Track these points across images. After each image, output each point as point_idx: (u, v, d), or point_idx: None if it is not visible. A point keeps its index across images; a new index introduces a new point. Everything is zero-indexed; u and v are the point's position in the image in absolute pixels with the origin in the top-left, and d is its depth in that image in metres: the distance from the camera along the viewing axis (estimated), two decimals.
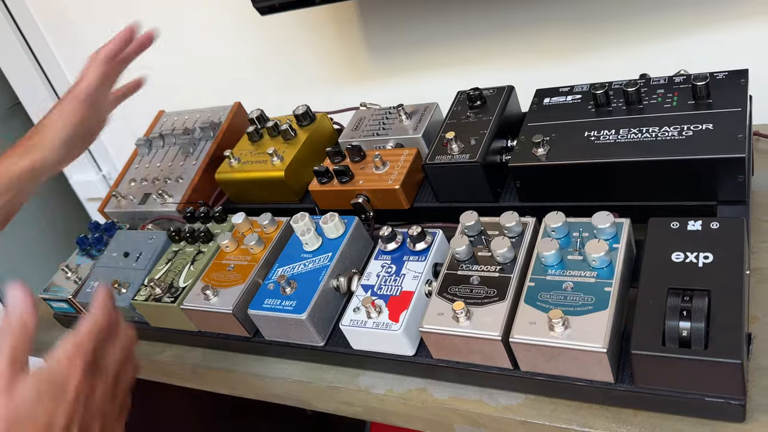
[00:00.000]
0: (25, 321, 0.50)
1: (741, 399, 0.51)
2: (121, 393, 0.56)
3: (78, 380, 0.50)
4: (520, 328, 0.56)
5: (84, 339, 0.52)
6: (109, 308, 0.56)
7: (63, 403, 0.49)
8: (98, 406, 0.52)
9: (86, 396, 0.50)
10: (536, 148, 0.69)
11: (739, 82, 0.66)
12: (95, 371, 0.52)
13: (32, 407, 0.48)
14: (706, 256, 0.55)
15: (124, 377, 0.57)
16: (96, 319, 0.54)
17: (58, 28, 1.47)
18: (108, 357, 0.54)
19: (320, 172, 0.82)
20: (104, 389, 0.53)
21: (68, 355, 0.51)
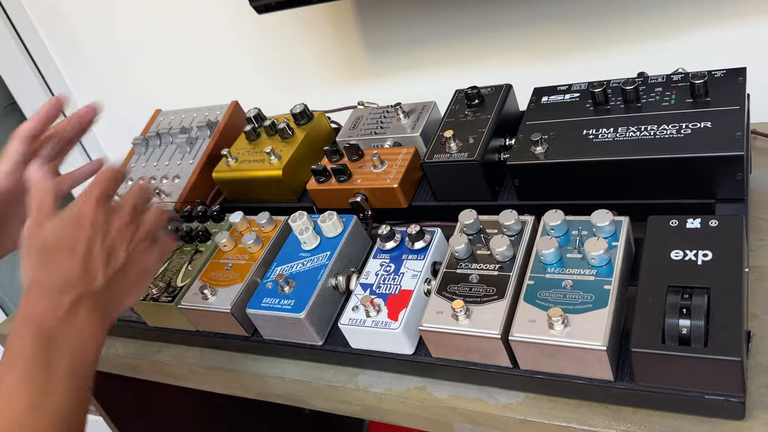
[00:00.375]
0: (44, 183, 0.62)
1: (741, 396, 0.51)
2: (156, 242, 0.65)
3: (91, 210, 0.60)
4: (519, 326, 0.56)
5: (91, 186, 0.62)
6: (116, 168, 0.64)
7: (82, 230, 0.59)
8: (118, 231, 0.61)
9: (103, 222, 0.60)
10: (535, 147, 0.69)
11: (737, 81, 0.66)
12: (109, 207, 0.62)
13: (57, 234, 0.59)
14: (705, 253, 0.55)
15: (162, 240, 0.66)
16: (100, 173, 0.63)
17: (54, 27, 1.46)
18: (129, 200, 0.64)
19: (318, 171, 0.82)
20: (121, 220, 0.62)
21: (80, 195, 0.62)
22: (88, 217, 0.60)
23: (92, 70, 1.49)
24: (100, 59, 1.45)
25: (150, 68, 1.40)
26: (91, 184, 0.63)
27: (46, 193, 0.62)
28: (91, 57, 1.46)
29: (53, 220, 0.60)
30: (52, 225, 0.59)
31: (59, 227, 0.59)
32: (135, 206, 0.64)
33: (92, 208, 0.60)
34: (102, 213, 0.60)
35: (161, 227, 0.67)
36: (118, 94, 1.50)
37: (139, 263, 0.63)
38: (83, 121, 0.80)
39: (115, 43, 1.40)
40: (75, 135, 0.80)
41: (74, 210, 0.60)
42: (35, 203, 0.61)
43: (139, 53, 1.39)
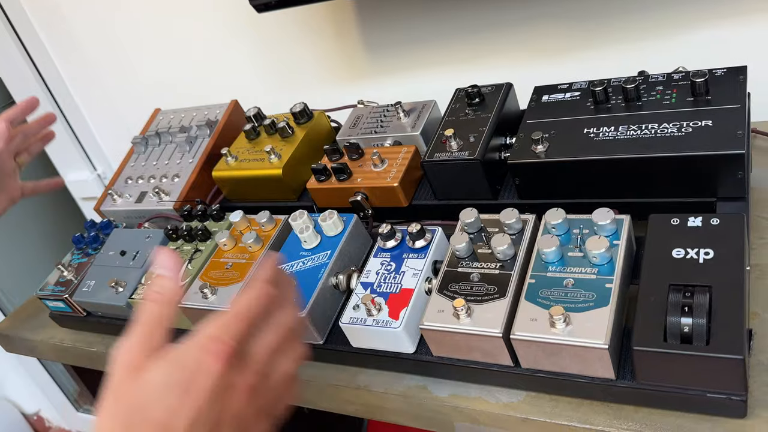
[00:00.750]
0: (165, 290, 0.45)
1: (742, 395, 0.51)
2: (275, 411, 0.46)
3: (215, 374, 0.41)
4: (521, 324, 0.56)
5: (231, 320, 0.43)
6: (273, 292, 0.47)
7: (189, 399, 0.40)
8: (234, 410, 0.42)
9: (221, 395, 0.41)
10: (535, 145, 0.69)
11: (738, 79, 0.66)
12: (239, 365, 0.43)
13: (155, 399, 0.40)
14: (706, 252, 0.55)
15: (284, 398, 0.47)
16: (253, 298, 0.46)
17: (53, 27, 1.46)
18: (265, 357, 0.45)
19: (318, 169, 0.82)
20: (249, 392, 0.43)
21: (209, 338, 0.42)
22: (208, 381, 0.41)
23: (91, 69, 1.48)
24: (99, 58, 1.45)
25: (149, 67, 1.40)
26: (233, 315, 0.44)
27: (165, 308, 0.45)
28: (89, 56, 1.46)
29: (160, 365, 0.41)
30: (156, 372, 0.41)
31: (164, 381, 0.41)
32: (271, 364, 0.46)
33: (218, 370, 0.41)
34: (227, 378, 0.42)
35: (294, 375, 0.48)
36: (117, 94, 1.49)
37: None
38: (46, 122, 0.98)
39: (114, 42, 1.40)
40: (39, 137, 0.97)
41: (193, 363, 0.41)
42: (146, 316, 0.44)
43: (139, 52, 1.39)
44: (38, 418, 2.32)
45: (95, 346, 0.92)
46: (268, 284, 0.47)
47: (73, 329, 0.96)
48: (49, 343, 0.97)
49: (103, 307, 0.87)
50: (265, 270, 0.48)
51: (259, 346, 0.45)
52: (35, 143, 0.97)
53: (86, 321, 0.91)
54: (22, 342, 1.02)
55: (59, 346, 0.96)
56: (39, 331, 0.99)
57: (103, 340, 0.92)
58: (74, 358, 0.97)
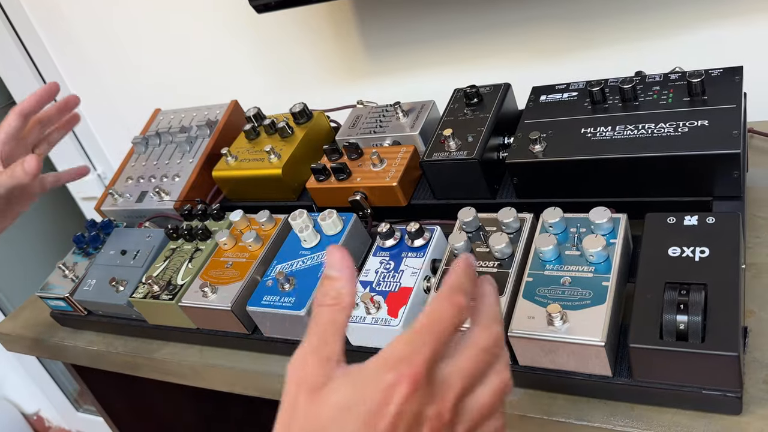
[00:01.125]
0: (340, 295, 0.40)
1: (738, 391, 0.51)
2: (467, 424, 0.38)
3: (402, 399, 0.35)
4: (518, 322, 0.57)
5: (421, 339, 0.37)
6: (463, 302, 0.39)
7: (378, 428, 0.35)
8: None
9: (408, 425, 0.35)
10: (533, 145, 0.69)
11: (734, 79, 0.67)
12: (430, 391, 0.36)
13: (336, 418, 0.36)
14: (702, 250, 0.55)
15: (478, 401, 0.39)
16: (441, 311, 0.38)
17: (53, 26, 1.47)
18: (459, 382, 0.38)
19: (318, 169, 0.83)
20: (440, 424, 0.36)
21: (396, 359, 0.36)
22: (393, 407, 0.35)
23: (91, 69, 1.49)
24: (99, 58, 1.45)
25: (149, 68, 1.40)
26: (422, 332, 0.37)
27: (337, 321, 0.39)
28: (89, 56, 1.46)
29: (339, 385, 0.36)
30: (336, 394, 0.36)
31: (347, 410, 0.35)
32: (466, 389, 0.38)
33: (405, 395, 0.35)
34: (416, 404, 0.35)
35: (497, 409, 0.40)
36: (117, 94, 1.50)
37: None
38: (68, 107, 0.88)
39: (114, 42, 1.40)
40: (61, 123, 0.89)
41: (378, 385, 0.35)
42: (321, 326, 0.39)
43: (139, 52, 1.39)
44: (38, 418, 2.32)
45: (96, 345, 0.92)
46: (459, 293, 0.39)
47: (73, 328, 0.96)
48: (50, 342, 0.97)
49: (103, 306, 0.87)
50: (456, 276, 0.39)
51: (455, 369, 0.38)
52: (55, 132, 0.90)
53: (87, 320, 0.92)
54: (23, 341, 1.02)
55: (60, 345, 0.96)
56: (40, 331, 1.00)
57: (104, 339, 0.92)
58: (75, 358, 0.98)
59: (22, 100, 0.82)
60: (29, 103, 0.82)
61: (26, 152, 0.85)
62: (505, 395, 0.40)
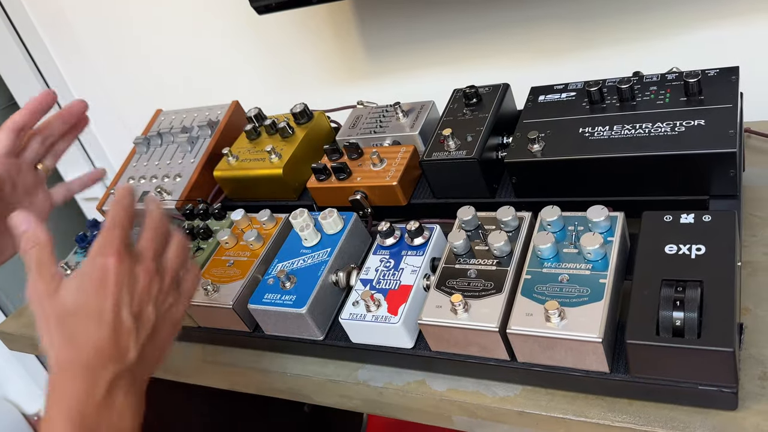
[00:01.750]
0: (38, 238, 0.54)
1: (733, 387, 0.52)
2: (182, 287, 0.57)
3: (114, 266, 0.51)
4: (517, 319, 0.57)
5: (108, 232, 0.53)
6: (126, 202, 0.56)
7: (106, 291, 0.50)
8: (144, 287, 0.52)
9: (128, 279, 0.51)
10: (532, 144, 0.70)
11: (730, 79, 0.67)
12: (132, 257, 0.53)
13: (77, 300, 0.50)
14: (698, 248, 0.56)
15: (187, 276, 0.59)
16: (113, 212, 0.55)
17: (54, 27, 1.47)
18: (149, 246, 0.55)
19: (318, 169, 0.83)
20: (147, 273, 0.53)
21: (99, 246, 0.52)
22: (112, 273, 0.51)
23: (92, 70, 1.50)
24: (100, 59, 1.46)
25: (150, 69, 1.41)
26: (108, 226, 0.54)
27: (43, 248, 0.53)
28: (91, 57, 1.47)
29: (68, 282, 0.51)
30: (68, 288, 0.51)
31: (78, 290, 0.51)
32: (157, 251, 0.56)
33: (115, 262, 0.51)
34: (126, 266, 0.52)
35: (185, 260, 0.59)
36: (118, 95, 1.51)
37: (168, 319, 0.55)
38: (72, 114, 0.80)
39: (115, 43, 1.41)
40: (65, 131, 0.81)
41: (95, 268, 0.51)
42: (34, 261, 0.53)
43: (140, 54, 1.40)
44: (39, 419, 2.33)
45: None
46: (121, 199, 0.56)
47: None
48: None
49: None
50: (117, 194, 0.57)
51: (141, 242, 0.55)
52: (60, 141, 0.81)
53: None
54: (26, 340, 1.03)
55: None
56: None
57: None
58: None
59: (13, 115, 0.75)
60: (22, 117, 0.75)
61: (28, 170, 0.78)
62: (187, 250, 0.59)
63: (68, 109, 0.80)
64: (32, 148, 0.78)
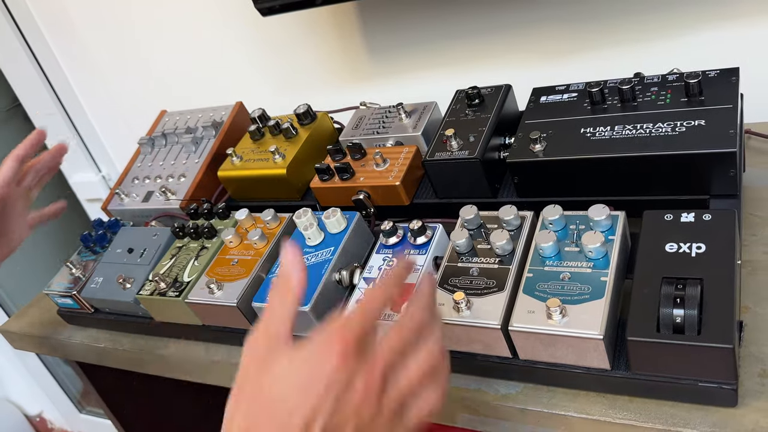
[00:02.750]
0: (288, 287, 0.46)
1: (733, 383, 0.52)
2: (404, 414, 0.43)
3: (332, 367, 0.41)
4: (519, 316, 0.58)
5: (353, 315, 0.44)
6: (396, 287, 0.47)
7: (308, 397, 0.41)
8: (354, 409, 0.41)
9: (341, 387, 0.41)
10: (533, 144, 0.71)
11: (731, 80, 0.68)
12: (361, 358, 0.42)
13: (281, 387, 0.42)
14: (698, 246, 0.56)
15: (419, 401, 0.44)
16: (375, 291, 0.46)
17: (59, 29, 1.48)
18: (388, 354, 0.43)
19: (322, 169, 0.84)
20: (368, 389, 0.42)
21: (332, 331, 0.43)
22: (325, 375, 0.41)
23: (96, 71, 1.50)
24: (104, 61, 1.47)
25: (154, 70, 1.42)
26: (359, 308, 0.44)
27: (284, 310, 0.45)
28: (95, 58, 1.48)
29: (282, 360, 0.43)
30: (279, 366, 0.42)
31: (288, 375, 0.42)
32: (396, 360, 0.44)
33: (336, 363, 0.41)
34: (346, 373, 0.41)
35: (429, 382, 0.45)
36: (122, 96, 1.51)
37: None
38: (59, 152, 0.94)
39: (119, 44, 1.42)
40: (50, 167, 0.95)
41: (313, 358, 0.42)
42: (271, 312, 0.46)
43: (144, 55, 1.41)
44: (41, 420, 2.33)
45: (102, 342, 0.93)
46: (394, 278, 0.47)
47: (80, 326, 0.98)
48: (57, 339, 0.99)
49: (110, 304, 0.88)
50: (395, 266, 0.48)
51: (384, 342, 0.44)
52: (45, 175, 0.95)
53: (93, 318, 0.93)
54: (30, 339, 1.04)
55: (66, 342, 0.98)
56: (46, 328, 1.01)
57: (110, 336, 0.93)
58: (81, 355, 0.99)
59: (17, 147, 0.88)
60: (24, 149, 0.88)
61: (24, 196, 0.90)
62: (437, 365, 0.45)
63: (57, 149, 0.95)
64: (28, 177, 0.91)
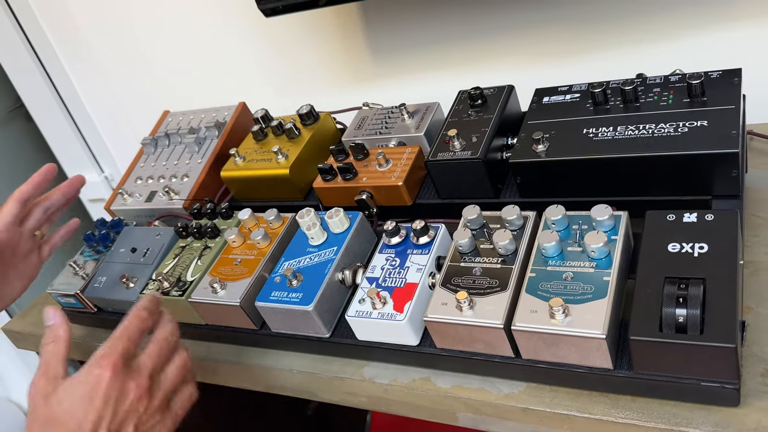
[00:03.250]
0: (57, 335, 0.58)
1: (735, 383, 0.52)
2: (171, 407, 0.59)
3: (106, 380, 0.53)
4: (521, 316, 0.58)
5: (114, 341, 0.56)
6: (144, 314, 0.59)
7: (92, 406, 0.53)
8: (131, 404, 0.54)
9: (117, 394, 0.53)
10: (536, 145, 0.71)
11: (733, 81, 0.68)
12: (128, 371, 0.55)
13: (65, 408, 0.53)
14: (701, 246, 0.57)
15: (179, 395, 0.60)
16: (128, 322, 0.58)
17: (62, 30, 1.49)
18: (149, 363, 0.57)
19: (325, 169, 0.84)
20: (139, 390, 0.55)
21: (100, 355, 0.55)
22: (102, 389, 0.53)
23: (99, 71, 1.51)
24: (107, 61, 1.48)
25: (157, 71, 1.42)
26: (117, 335, 0.57)
27: (58, 344, 0.57)
28: (98, 59, 1.48)
29: (63, 387, 0.55)
30: (61, 393, 0.54)
31: (68, 397, 0.54)
32: (156, 368, 0.58)
33: (108, 378, 0.53)
34: (118, 382, 0.54)
35: (183, 381, 0.61)
36: (124, 97, 1.52)
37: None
38: (72, 188, 0.88)
39: (122, 45, 1.42)
40: (64, 202, 0.88)
41: (89, 378, 0.54)
42: (45, 356, 0.57)
43: (147, 56, 1.41)
44: None
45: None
46: (141, 310, 0.60)
47: (83, 325, 0.98)
48: None
49: (114, 303, 0.88)
50: (141, 301, 0.61)
51: (144, 356, 0.57)
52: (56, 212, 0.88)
53: (97, 317, 0.93)
54: (33, 338, 1.04)
55: None
56: None
57: None
58: (84, 354, 0.99)
59: (21, 186, 0.81)
60: (28, 189, 0.81)
61: (28, 237, 0.84)
62: (188, 369, 0.61)
63: (68, 184, 0.88)
64: (34, 216, 0.85)
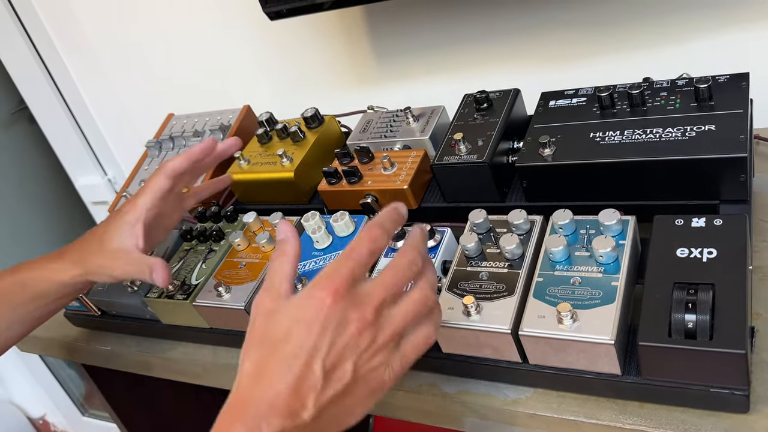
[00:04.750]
0: (284, 250, 0.52)
1: (745, 389, 0.52)
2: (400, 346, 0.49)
3: (327, 306, 0.46)
4: (529, 321, 0.58)
5: (340, 262, 0.48)
6: (377, 233, 0.49)
7: (309, 333, 0.45)
8: (351, 342, 0.46)
9: (336, 325, 0.46)
10: (542, 149, 0.70)
11: (741, 85, 0.68)
12: (353, 298, 0.47)
13: (285, 332, 0.46)
14: (710, 251, 0.56)
15: (413, 335, 0.50)
16: (357, 240, 0.49)
17: (66, 32, 1.49)
18: (378, 293, 0.47)
19: (329, 172, 0.84)
20: (361, 322, 0.46)
21: (324, 275, 0.47)
22: (322, 315, 0.46)
23: (103, 74, 1.51)
24: (111, 63, 1.47)
25: (161, 74, 1.42)
26: (345, 254, 0.48)
27: (286, 261, 0.51)
28: (101, 61, 1.48)
29: (285, 306, 0.48)
30: (282, 313, 0.48)
31: (287, 320, 0.47)
32: (386, 299, 0.48)
33: (330, 303, 0.46)
34: (338, 311, 0.46)
35: (420, 317, 0.50)
36: (128, 99, 1.52)
37: (369, 381, 0.48)
38: (227, 153, 0.81)
39: (126, 47, 1.42)
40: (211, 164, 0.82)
41: (310, 302, 0.47)
42: (269, 273, 0.51)
43: (151, 58, 1.41)
44: (44, 423, 2.33)
45: (109, 344, 0.93)
46: (374, 227, 0.50)
47: (87, 328, 0.98)
48: (63, 341, 0.99)
49: (117, 306, 0.88)
50: (378, 215, 0.51)
51: (374, 284, 0.48)
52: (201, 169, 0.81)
53: (100, 320, 0.93)
54: (36, 341, 1.04)
55: (73, 345, 0.98)
56: (53, 330, 1.01)
57: (117, 339, 0.93)
58: (88, 357, 0.99)
59: (174, 160, 0.74)
60: (181, 164, 0.74)
61: (175, 199, 0.78)
62: (428, 307, 0.50)
63: (225, 146, 0.81)
64: (183, 180, 0.78)
